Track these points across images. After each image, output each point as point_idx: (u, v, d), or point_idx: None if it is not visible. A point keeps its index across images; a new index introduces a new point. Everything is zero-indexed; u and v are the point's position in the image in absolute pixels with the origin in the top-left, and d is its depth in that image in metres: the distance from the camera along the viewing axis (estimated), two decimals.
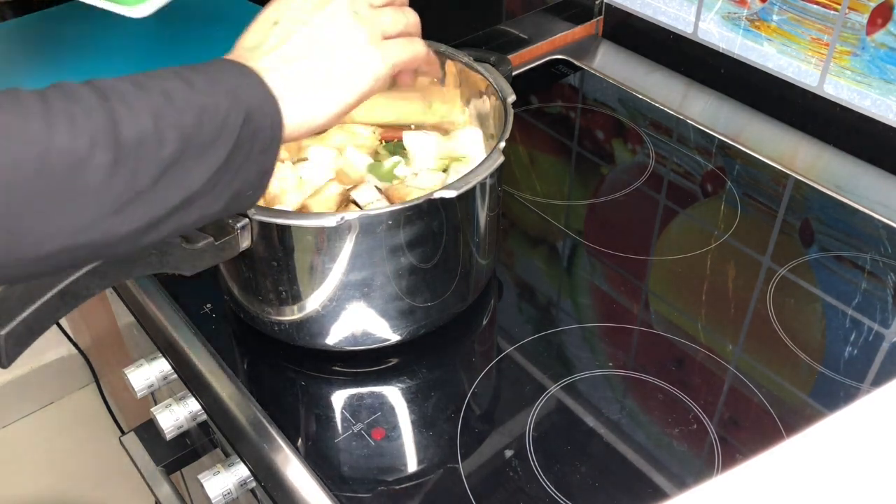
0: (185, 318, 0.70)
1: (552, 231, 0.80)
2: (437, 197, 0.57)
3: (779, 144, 0.90)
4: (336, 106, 0.52)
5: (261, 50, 0.51)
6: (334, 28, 0.53)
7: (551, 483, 0.58)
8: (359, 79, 0.53)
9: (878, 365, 0.66)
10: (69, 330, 1.48)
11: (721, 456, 0.60)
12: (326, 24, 0.53)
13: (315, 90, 0.51)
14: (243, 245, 0.58)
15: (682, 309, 0.71)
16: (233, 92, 0.46)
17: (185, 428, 0.69)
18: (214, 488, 0.63)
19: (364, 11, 0.55)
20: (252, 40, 0.52)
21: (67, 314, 0.50)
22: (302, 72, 0.51)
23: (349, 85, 0.53)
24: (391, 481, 0.58)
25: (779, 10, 0.88)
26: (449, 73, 0.74)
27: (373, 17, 0.55)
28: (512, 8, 1.10)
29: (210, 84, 0.46)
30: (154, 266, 0.53)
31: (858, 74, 0.84)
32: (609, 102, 0.99)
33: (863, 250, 0.77)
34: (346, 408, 0.63)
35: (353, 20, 0.54)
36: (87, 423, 1.66)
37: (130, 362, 0.73)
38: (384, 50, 0.54)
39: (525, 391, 0.64)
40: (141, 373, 0.72)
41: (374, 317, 0.63)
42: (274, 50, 0.51)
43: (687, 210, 0.83)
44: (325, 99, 0.52)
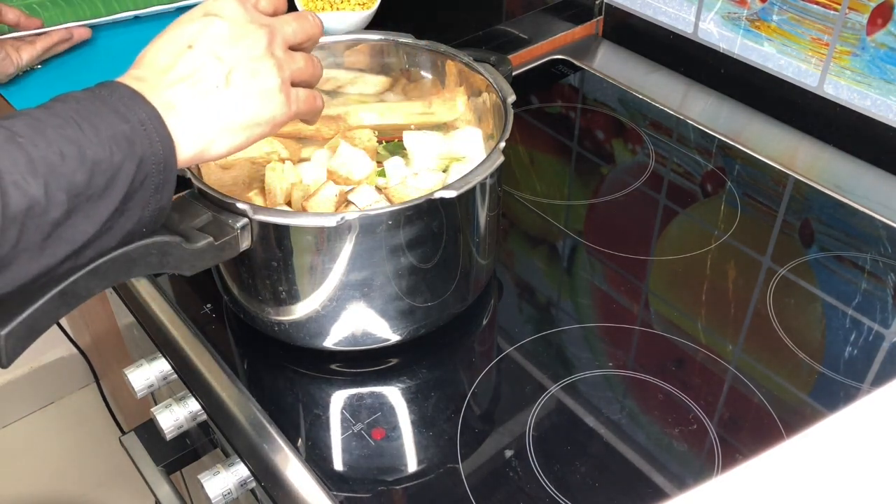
0: (185, 318, 0.70)
1: (552, 231, 0.80)
2: (437, 197, 0.57)
3: (779, 144, 0.90)
4: (230, 147, 0.52)
5: (169, 77, 0.50)
6: (249, 67, 0.52)
7: (551, 483, 0.58)
8: (261, 124, 0.53)
9: (878, 365, 0.66)
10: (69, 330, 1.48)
11: (721, 456, 0.60)
12: (242, 62, 0.51)
13: (215, 131, 0.51)
14: (243, 245, 0.58)
15: (682, 309, 0.71)
16: (128, 139, 0.45)
17: (185, 428, 0.69)
18: (214, 488, 0.63)
19: (280, 54, 0.53)
20: (162, 61, 0.50)
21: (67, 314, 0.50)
22: (207, 110, 0.50)
23: (250, 128, 0.52)
24: (391, 481, 0.58)
25: (779, 10, 0.88)
26: (449, 73, 0.74)
27: (288, 61, 0.54)
28: (512, 8, 1.10)
29: (108, 127, 0.45)
30: (154, 266, 0.53)
31: (858, 74, 0.84)
32: (609, 102, 0.99)
33: (863, 250, 0.77)
34: (346, 408, 0.63)
35: (269, 62, 0.52)
36: (87, 423, 1.66)
37: (130, 362, 0.73)
38: (291, 99, 0.54)
39: (525, 391, 0.64)
40: (141, 373, 0.72)
41: (374, 317, 0.63)
42: (183, 80, 0.50)
43: (687, 210, 0.83)
44: (223, 140, 0.51)
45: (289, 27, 0.55)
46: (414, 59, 0.75)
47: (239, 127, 0.52)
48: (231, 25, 0.52)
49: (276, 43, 0.53)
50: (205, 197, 0.58)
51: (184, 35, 0.52)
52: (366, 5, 0.98)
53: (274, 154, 0.70)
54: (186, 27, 0.52)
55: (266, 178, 0.67)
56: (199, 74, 0.50)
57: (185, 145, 0.49)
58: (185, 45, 0.51)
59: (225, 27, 0.52)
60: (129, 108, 0.47)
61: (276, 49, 0.53)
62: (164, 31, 0.53)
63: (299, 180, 0.68)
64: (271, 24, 0.54)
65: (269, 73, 0.52)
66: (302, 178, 0.68)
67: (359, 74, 0.77)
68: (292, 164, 0.69)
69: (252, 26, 0.53)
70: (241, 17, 0.53)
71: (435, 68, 0.75)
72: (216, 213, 0.57)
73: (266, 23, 0.54)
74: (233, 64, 0.51)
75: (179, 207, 0.57)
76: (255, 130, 0.53)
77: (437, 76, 0.75)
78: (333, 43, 0.75)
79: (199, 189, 0.58)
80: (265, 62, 0.52)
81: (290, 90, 0.54)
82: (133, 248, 0.50)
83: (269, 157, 0.70)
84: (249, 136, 0.53)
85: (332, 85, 0.77)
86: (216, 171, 0.67)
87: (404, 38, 0.74)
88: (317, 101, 0.58)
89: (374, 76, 0.77)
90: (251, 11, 0.54)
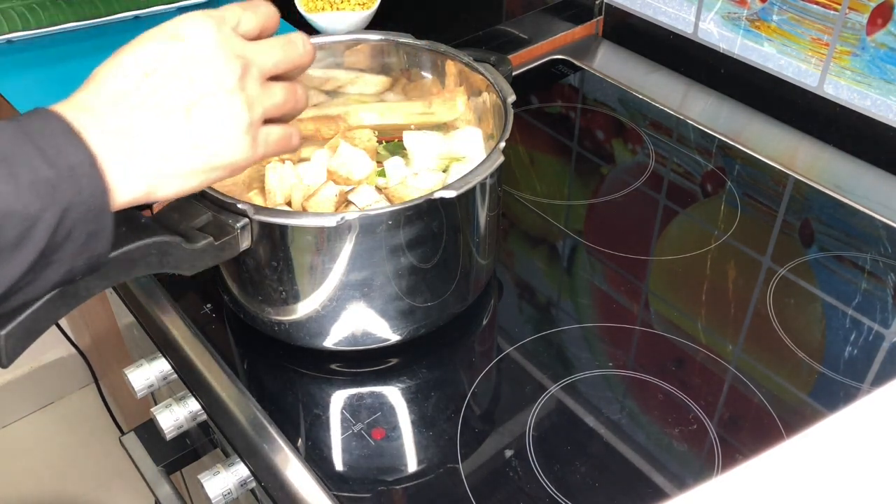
0: (185, 318, 0.70)
1: (552, 231, 0.80)
2: (437, 197, 0.57)
3: (779, 144, 0.90)
4: (178, 192, 0.47)
5: (119, 108, 0.44)
6: (213, 104, 0.46)
7: (551, 483, 0.58)
8: (217, 168, 0.47)
9: (878, 365, 0.66)
10: (69, 330, 1.48)
11: (721, 456, 0.60)
12: (205, 97, 0.46)
13: (164, 174, 0.45)
14: (243, 245, 0.58)
15: (682, 309, 0.71)
16: (52, 185, 0.40)
17: (185, 428, 0.69)
18: (214, 488, 0.63)
19: (253, 89, 0.48)
20: (114, 86, 0.45)
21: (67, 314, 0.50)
22: (157, 150, 0.45)
23: (205, 173, 0.47)
24: (391, 481, 0.58)
25: (779, 10, 0.88)
26: (449, 73, 0.74)
27: (262, 97, 0.48)
28: (512, 8, 1.10)
29: (29, 172, 0.40)
30: (154, 266, 0.53)
31: (858, 74, 0.84)
32: (609, 102, 0.99)
33: (863, 250, 0.77)
34: (346, 408, 0.63)
35: (237, 99, 0.47)
36: (87, 423, 1.66)
37: (130, 362, 0.73)
38: (258, 141, 0.49)
39: (525, 391, 0.64)
40: (141, 373, 0.72)
41: (374, 317, 0.63)
42: (134, 113, 0.44)
43: (687, 210, 0.83)
44: (171, 184, 0.46)
45: (270, 57, 0.49)
46: (414, 59, 0.75)
47: (191, 171, 0.46)
48: (199, 52, 0.46)
49: (249, 76, 0.48)
50: (205, 197, 0.58)
51: (143, 58, 0.46)
52: (366, 5, 0.98)
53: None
54: (148, 48, 0.46)
55: (266, 178, 0.67)
56: (154, 109, 0.45)
57: (125, 189, 0.44)
58: (142, 71, 0.45)
59: (191, 53, 0.46)
60: (59, 150, 0.41)
61: (248, 83, 0.47)
62: (123, 47, 0.47)
63: (299, 180, 0.68)
64: (246, 55, 0.48)
65: (235, 111, 0.47)
66: (302, 178, 0.69)
67: (359, 74, 0.77)
68: (292, 164, 0.69)
69: (223, 55, 0.47)
70: (211, 43, 0.47)
71: (435, 68, 0.75)
72: (216, 213, 0.57)
73: (241, 52, 0.48)
74: (193, 99, 0.45)
75: (179, 207, 0.57)
76: (211, 175, 0.47)
77: (437, 76, 0.75)
78: (333, 43, 0.75)
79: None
80: (232, 98, 0.47)
81: (258, 131, 0.49)
82: (133, 247, 0.50)
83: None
84: (203, 181, 0.47)
85: (332, 85, 0.77)
86: None
87: (404, 38, 0.74)
88: (291, 142, 0.52)
89: (374, 76, 0.77)
90: (226, 36, 0.47)
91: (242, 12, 0.49)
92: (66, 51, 0.94)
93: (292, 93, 0.51)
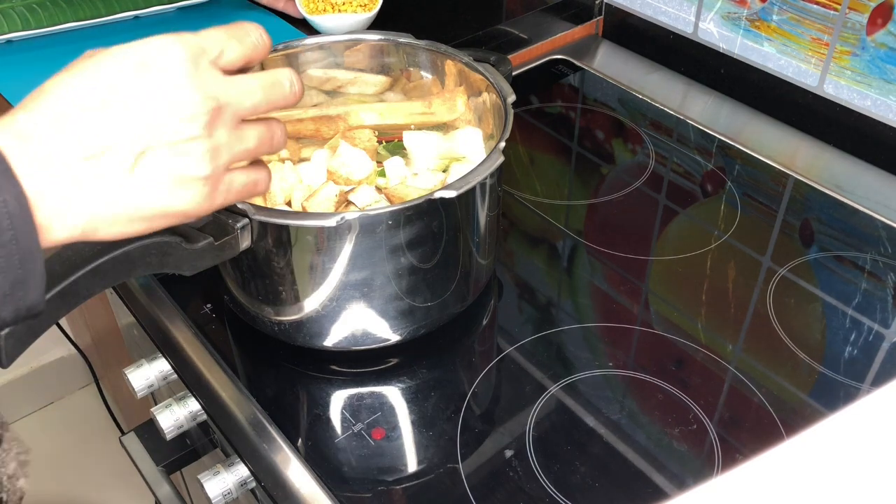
0: (185, 318, 0.70)
1: (552, 231, 0.80)
2: (437, 197, 0.57)
3: (779, 144, 0.90)
4: (119, 235, 0.42)
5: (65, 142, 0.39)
6: (172, 150, 0.41)
7: (551, 483, 0.58)
8: (168, 216, 0.43)
9: (878, 365, 0.66)
10: (69, 330, 1.48)
11: (721, 456, 0.60)
12: (165, 142, 0.40)
13: (105, 217, 0.41)
14: (243, 245, 0.58)
15: (682, 309, 0.71)
16: None
17: (185, 428, 0.69)
18: (214, 488, 0.63)
19: (222, 136, 0.42)
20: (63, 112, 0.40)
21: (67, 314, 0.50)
22: (100, 193, 0.40)
23: (152, 220, 0.43)
24: (391, 481, 0.58)
25: (779, 10, 0.88)
26: (449, 73, 0.74)
27: (231, 143, 0.43)
28: (512, 8, 1.10)
29: None
30: (154, 266, 0.53)
31: (858, 74, 0.84)
32: (609, 102, 0.99)
33: (863, 250, 0.77)
34: (346, 408, 0.63)
35: (201, 147, 0.41)
36: (87, 423, 1.66)
37: (130, 362, 0.73)
38: (219, 190, 0.44)
39: (525, 391, 0.64)
40: (141, 373, 0.72)
41: (374, 317, 0.63)
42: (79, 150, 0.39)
43: (687, 210, 0.83)
44: (112, 227, 0.42)
45: (250, 99, 0.43)
46: (414, 59, 0.75)
47: (136, 217, 0.42)
48: (165, 88, 0.40)
49: (220, 121, 0.42)
50: None
51: (99, 83, 0.40)
52: (367, 7, 0.98)
53: (274, 154, 0.70)
54: (107, 71, 0.40)
55: None
56: (104, 151, 0.39)
57: (60, 229, 0.39)
58: (96, 99, 0.40)
59: (156, 88, 0.40)
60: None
61: (217, 130, 0.42)
62: (80, 60, 0.41)
63: (299, 180, 0.68)
64: (221, 97, 0.42)
65: (196, 159, 0.41)
66: (302, 178, 0.69)
67: (359, 74, 0.77)
68: (292, 164, 0.69)
69: (194, 95, 0.41)
70: (182, 80, 0.41)
71: (435, 68, 0.75)
72: (216, 213, 0.57)
73: (215, 92, 0.42)
74: (151, 142, 0.40)
75: None
76: (159, 222, 0.43)
77: (437, 76, 0.75)
78: (333, 43, 0.75)
79: None
80: (196, 146, 0.41)
81: (220, 179, 0.43)
82: (133, 247, 0.50)
83: (269, 157, 0.70)
84: (149, 227, 0.43)
85: (332, 85, 0.77)
86: None
87: (404, 38, 0.74)
88: (257, 189, 0.47)
89: (374, 76, 0.77)
90: (202, 72, 0.42)
91: (227, 41, 0.44)
92: (66, 51, 0.94)
93: (268, 137, 0.46)
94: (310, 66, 0.76)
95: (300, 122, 0.71)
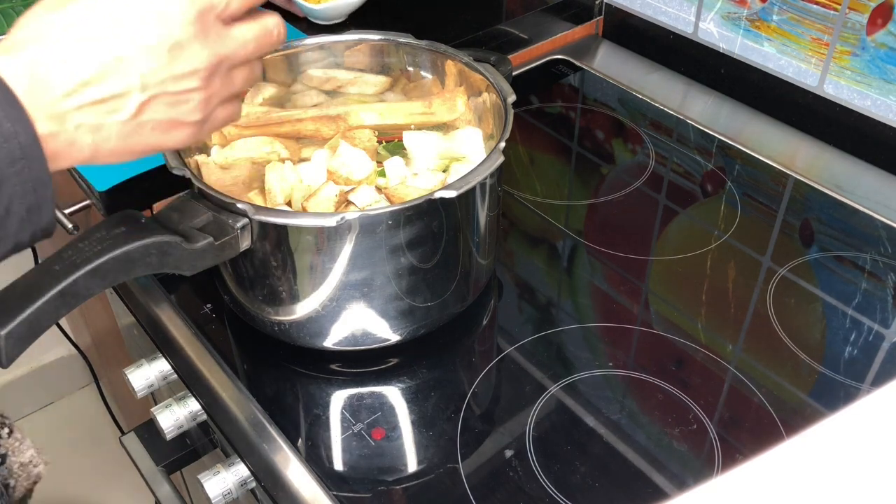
0: (185, 318, 0.70)
1: (552, 231, 0.80)
2: (437, 197, 0.57)
3: (779, 144, 0.90)
4: (112, 162, 0.45)
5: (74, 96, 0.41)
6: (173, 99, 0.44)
7: (551, 483, 0.58)
8: (157, 149, 0.46)
9: (878, 365, 0.66)
10: (69, 330, 1.48)
11: (721, 456, 0.60)
12: (167, 91, 0.43)
13: (101, 151, 0.43)
14: (243, 245, 0.58)
15: (682, 309, 0.71)
16: None
17: (185, 428, 0.69)
18: (214, 488, 0.63)
19: (217, 84, 0.45)
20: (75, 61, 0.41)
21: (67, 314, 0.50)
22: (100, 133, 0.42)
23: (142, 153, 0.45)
24: (391, 481, 0.58)
25: (779, 10, 0.88)
26: (449, 73, 0.74)
27: (223, 88, 0.46)
28: (512, 8, 1.10)
29: None
30: (154, 266, 0.53)
31: (858, 74, 0.84)
32: (609, 102, 0.99)
33: (863, 250, 0.77)
34: (346, 408, 0.63)
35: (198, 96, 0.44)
36: (87, 423, 1.66)
37: (130, 362, 0.73)
38: (205, 127, 0.47)
39: (525, 391, 0.64)
40: (141, 373, 0.72)
41: (374, 317, 0.63)
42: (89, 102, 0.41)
43: (687, 210, 0.83)
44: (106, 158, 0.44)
45: (244, 49, 0.47)
46: (414, 59, 0.75)
47: (134, 152, 0.45)
48: (177, 39, 0.43)
49: (219, 71, 0.45)
50: (205, 197, 0.58)
51: (115, 33, 0.41)
52: None
53: (274, 154, 0.70)
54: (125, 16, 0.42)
55: (266, 178, 0.67)
56: (112, 96, 0.42)
57: (65, 160, 0.42)
58: (112, 53, 0.41)
59: (168, 39, 0.42)
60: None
61: (215, 78, 0.45)
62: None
63: (299, 180, 0.68)
64: (220, 51, 0.45)
65: (192, 107, 0.45)
66: (302, 178, 0.68)
67: (359, 74, 0.77)
68: (292, 164, 0.69)
69: (201, 52, 0.44)
70: (191, 34, 0.43)
71: (435, 68, 0.75)
72: (216, 213, 0.57)
73: (217, 48, 0.45)
74: (155, 92, 0.43)
75: (179, 207, 0.57)
76: (150, 153, 0.46)
77: (437, 76, 0.75)
78: (333, 43, 0.75)
79: (199, 189, 0.58)
80: (194, 95, 0.45)
81: (206, 119, 0.47)
82: (133, 247, 0.51)
83: (269, 157, 0.70)
84: (141, 156, 0.46)
85: (332, 85, 0.77)
86: (216, 171, 0.67)
87: (404, 38, 0.74)
88: (235, 118, 0.50)
89: (374, 76, 0.77)
90: (208, 26, 0.44)
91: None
92: None
93: (250, 76, 0.49)
94: (310, 66, 0.76)
95: (300, 122, 0.71)
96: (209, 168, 0.67)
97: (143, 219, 0.53)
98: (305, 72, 0.75)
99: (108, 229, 0.51)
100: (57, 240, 0.54)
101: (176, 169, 0.60)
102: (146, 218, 0.53)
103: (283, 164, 0.69)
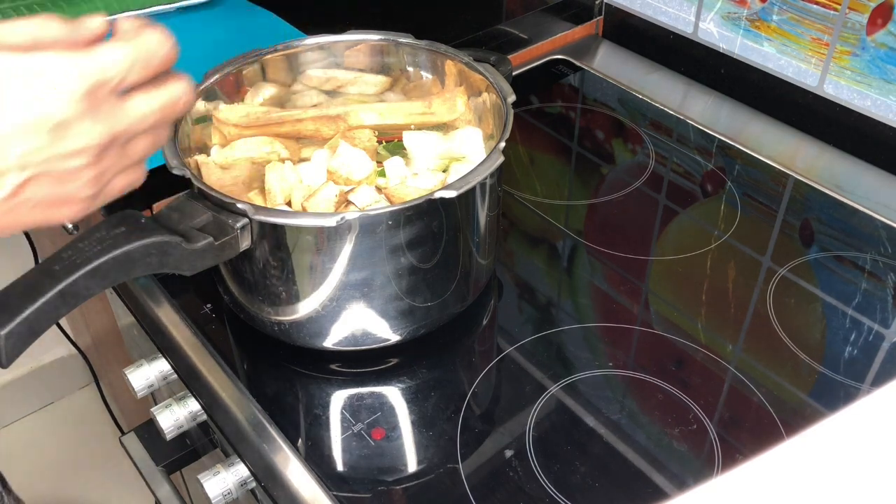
0: (185, 318, 0.70)
1: (552, 231, 0.80)
2: (437, 197, 0.57)
3: (779, 144, 0.90)
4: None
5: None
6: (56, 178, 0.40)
7: (551, 483, 0.58)
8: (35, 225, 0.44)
9: (878, 365, 0.66)
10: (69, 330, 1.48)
11: (721, 456, 0.60)
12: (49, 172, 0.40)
13: None
14: (243, 245, 0.58)
15: (682, 309, 0.71)
16: None
17: (185, 428, 0.69)
18: (214, 488, 0.63)
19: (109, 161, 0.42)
20: None
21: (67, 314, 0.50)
22: None
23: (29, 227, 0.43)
24: (391, 481, 0.58)
25: (779, 10, 0.88)
26: (449, 73, 0.74)
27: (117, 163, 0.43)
28: (512, 8, 1.10)
29: None
30: (154, 266, 0.53)
31: (858, 74, 0.84)
32: (609, 102, 0.99)
33: (863, 250, 0.77)
34: (346, 408, 0.63)
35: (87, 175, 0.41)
36: (87, 423, 1.66)
37: (130, 362, 0.73)
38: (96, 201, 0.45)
39: (525, 391, 0.64)
40: (141, 373, 0.72)
41: (374, 317, 0.63)
42: None
43: (687, 210, 0.83)
44: None
45: (144, 123, 0.43)
46: (414, 59, 0.75)
47: (8, 229, 0.42)
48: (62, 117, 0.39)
49: (113, 146, 0.42)
50: (205, 197, 0.58)
51: None
52: None
53: (274, 154, 0.70)
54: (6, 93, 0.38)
55: (266, 178, 0.67)
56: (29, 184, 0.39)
57: None
58: None
59: (51, 118, 0.38)
60: None
61: (109, 153, 0.42)
62: None
63: (299, 180, 0.68)
64: (115, 127, 0.41)
65: (80, 184, 0.42)
66: (302, 178, 0.68)
67: (359, 74, 0.77)
68: (292, 164, 0.69)
69: (90, 124, 0.40)
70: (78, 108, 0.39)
71: (435, 68, 0.75)
72: (216, 213, 0.57)
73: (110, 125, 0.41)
74: (37, 171, 0.39)
75: (179, 207, 0.57)
76: (39, 227, 0.43)
77: (437, 76, 0.75)
78: (333, 43, 0.75)
79: (199, 189, 0.58)
80: (84, 173, 0.41)
81: (99, 193, 0.44)
82: (133, 247, 0.50)
83: (269, 157, 0.70)
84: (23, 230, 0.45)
85: (332, 85, 0.77)
86: (216, 171, 0.67)
87: (404, 38, 0.74)
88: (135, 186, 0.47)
89: (374, 76, 0.77)
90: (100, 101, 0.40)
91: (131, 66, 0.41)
92: None
93: (154, 143, 0.45)
94: (310, 66, 0.76)
95: (300, 122, 0.71)
96: (209, 168, 0.67)
97: (143, 219, 0.53)
98: (305, 72, 0.75)
99: (108, 229, 0.51)
100: (57, 240, 0.54)
101: (176, 169, 0.60)
102: (146, 218, 0.53)
103: (283, 164, 0.69)
